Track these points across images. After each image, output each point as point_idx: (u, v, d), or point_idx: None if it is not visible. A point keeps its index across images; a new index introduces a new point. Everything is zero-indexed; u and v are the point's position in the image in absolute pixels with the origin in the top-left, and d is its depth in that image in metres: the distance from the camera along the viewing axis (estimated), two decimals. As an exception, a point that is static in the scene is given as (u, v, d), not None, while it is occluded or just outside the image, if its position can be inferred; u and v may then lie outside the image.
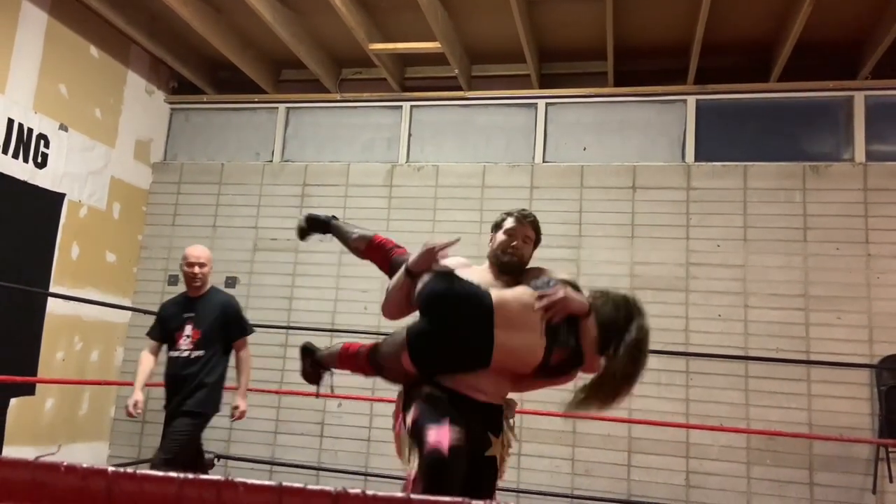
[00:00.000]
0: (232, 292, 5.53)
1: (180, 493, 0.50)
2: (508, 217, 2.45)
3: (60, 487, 0.50)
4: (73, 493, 0.50)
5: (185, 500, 0.50)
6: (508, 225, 2.42)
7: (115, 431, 5.41)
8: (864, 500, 4.31)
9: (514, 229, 2.40)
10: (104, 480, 0.51)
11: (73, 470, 0.51)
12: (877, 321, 4.51)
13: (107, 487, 0.50)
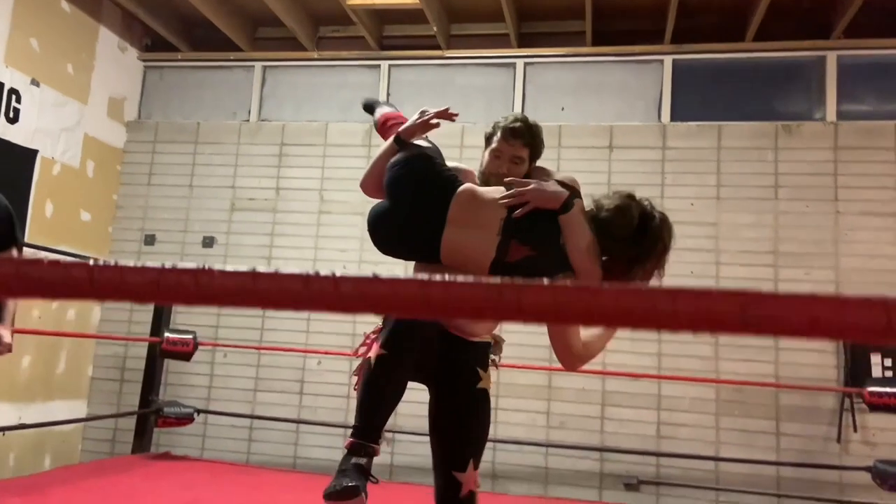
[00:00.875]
0: (210, 252, 5.55)
1: (159, 279, 0.54)
2: (498, 127, 2.13)
3: (45, 279, 0.54)
4: (57, 284, 0.54)
5: (164, 286, 0.54)
6: (495, 143, 2.12)
7: (94, 390, 5.41)
8: (828, 449, 4.47)
9: (500, 149, 2.11)
10: (86, 271, 0.55)
11: (55, 263, 0.55)
12: (843, 277, 4.64)
13: (89, 277, 0.54)
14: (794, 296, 0.54)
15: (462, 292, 0.54)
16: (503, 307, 0.54)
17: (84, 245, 5.21)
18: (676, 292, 0.55)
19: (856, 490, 4.38)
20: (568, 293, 0.56)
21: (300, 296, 0.55)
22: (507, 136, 2.11)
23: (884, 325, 0.52)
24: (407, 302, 0.54)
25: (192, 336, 4.75)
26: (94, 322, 5.43)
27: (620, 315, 0.56)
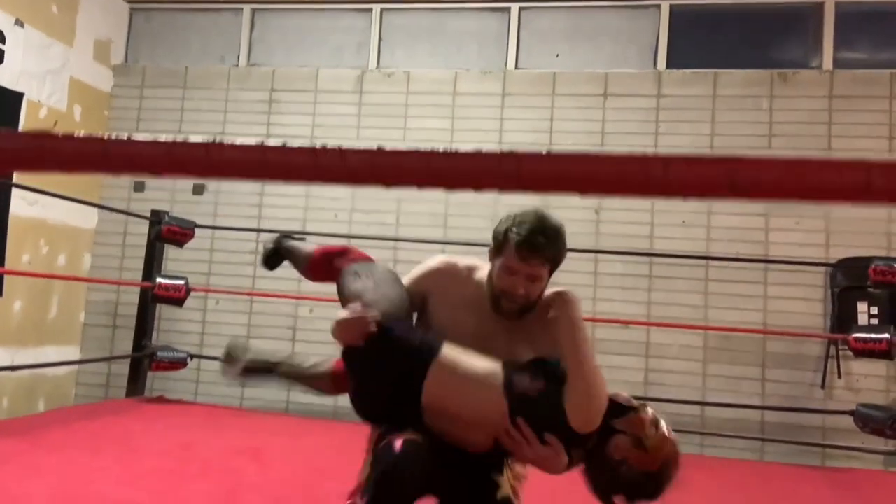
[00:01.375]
0: (200, 199, 5.52)
1: (171, 151, 0.54)
2: (512, 239, 1.75)
3: (60, 151, 0.54)
4: (71, 156, 0.54)
5: (176, 157, 0.54)
6: (510, 259, 1.75)
7: (86, 336, 5.43)
8: (812, 395, 4.56)
9: (514, 268, 1.75)
10: (100, 144, 0.54)
11: (70, 136, 0.54)
12: (834, 226, 4.66)
13: (103, 149, 0.54)
14: (780, 160, 0.54)
15: (464, 162, 0.54)
16: (503, 176, 0.54)
17: (73, 191, 5.16)
18: (668, 159, 0.55)
19: (838, 434, 4.48)
20: (567, 161, 0.56)
21: (308, 168, 0.55)
22: (524, 255, 1.75)
23: (863, 185, 0.53)
24: (412, 173, 0.54)
25: (183, 282, 4.75)
26: (86, 268, 5.42)
27: (616, 182, 0.56)
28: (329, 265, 2.08)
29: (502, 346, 1.79)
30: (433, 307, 1.88)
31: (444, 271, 1.91)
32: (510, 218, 1.82)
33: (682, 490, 1.63)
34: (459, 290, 1.86)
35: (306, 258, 2.22)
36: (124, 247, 5.50)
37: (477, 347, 1.78)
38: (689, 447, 4.63)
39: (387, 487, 1.56)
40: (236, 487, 2.79)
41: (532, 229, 1.75)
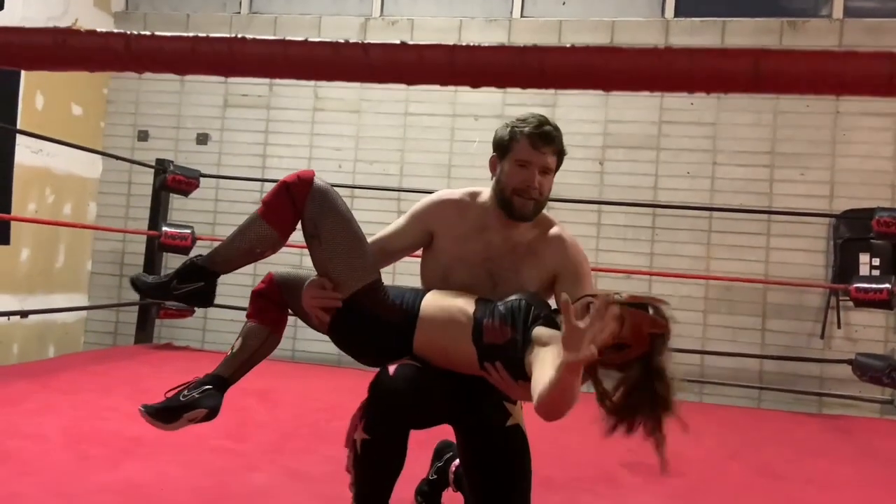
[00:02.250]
0: (203, 149, 5.51)
1: (194, 47, 0.55)
2: (520, 134, 1.76)
3: (84, 49, 0.55)
4: (96, 53, 0.55)
5: (200, 54, 0.55)
6: (522, 151, 1.76)
7: (94, 284, 5.48)
8: (811, 345, 4.61)
9: (529, 159, 1.75)
10: (123, 40, 0.55)
11: (93, 33, 0.55)
12: (838, 177, 4.65)
13: (126, 45, 0.55)
14: (803, 51, 0.55)
15: (487, 56, 0.55)
16: (526, 70, 0.55)
17: (77, 140, 5.15)
18: (693, 51, 0.56)
19: (836, 384, 4.55)
20: (591, 54, 0.57)
21: (330, 63, 0.56)
22: (536, 144, 1.75)
23: (886, 78, 0.54)
24: (434, 69, 0.55)
25: (190, 231, 4.77)
26: (91, 217, 5.45)
27: (640, 75, 0.57)
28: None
29: (508, 266, 1.82)
30: (439, 243, 1.87)
31: (444, 205, 1.88)
32: (510, 122, 1.83)
33: (680, 431, 1.60)
34: (462, 219, 1.85)
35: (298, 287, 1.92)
36: (129, 196, 5.51)
37: (485, 271, 1.82)
38: (688, 395, 4.71)
39: (383, 406, 1.57)
40: (245, 424, 2.86)
41: (539, 123, 1.79)
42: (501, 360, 1.61)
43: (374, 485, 1.60)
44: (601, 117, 5.01)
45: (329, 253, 1.72)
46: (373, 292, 1.73)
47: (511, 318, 1.64)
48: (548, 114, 5.43)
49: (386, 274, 1.87)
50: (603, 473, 2.63)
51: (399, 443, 1.59)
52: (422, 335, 1.68)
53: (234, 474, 1.77)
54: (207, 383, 1.76)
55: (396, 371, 1.60)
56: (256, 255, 1.81)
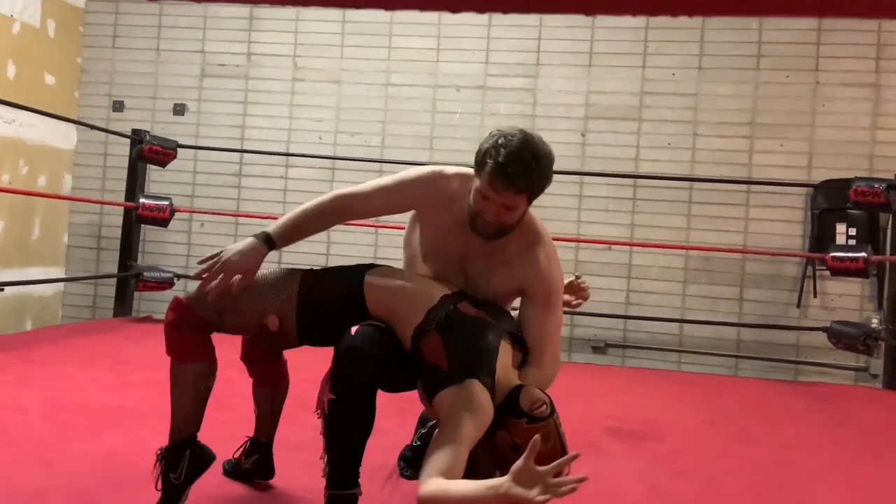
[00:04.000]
0: (181, 120, 5.42)
1: None
2: (488, 166, 1.64)
3: None
4: None
5: None
6: (483, 185, 1.66)
7: (71, 257, 5.41)
8: (788, 314, 4.68)
9: (490, 197, 1.66)
10: None
11: None
12: (817, 148, 4.69)
13: None
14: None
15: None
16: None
17: (51, 109, 5.05)
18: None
19: (811, 352, 4.63)
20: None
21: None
22: (495, 185, 1.64)
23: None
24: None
25: (168, 202, 4.72)
26: (67, 189, 5.36)
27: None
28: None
29: (481, 270, 1.79)
30: (421, 226, 1.85)
31: (436, 190, 1.79)
32: (495, 137, 1.68)
33: (660, 397, 1.63)
34: (447, 210, 1.78)
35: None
36: (105, 168, 5.42)
37: (459, 268, 1.80)
38: (667, 364, 4.78)
39: (345, 363, 1.57)
40: (226, 395, 2.84)
41: (510, 157, 1.62)
42: (424, 376, 1.62)
43: (345, 445, 1.59)
44: (583, 88, 5.00)
45: (251, 305, 1.73)
46: (310, 288, 1.73)
47: (459, 350, 1.59)
48: (529, 84, 5.39)
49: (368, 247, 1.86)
50: (586, 441, 2.66)
51: (365, 401, 1.58)
52: (372, 296, 1.69)
53: (215, 442, 1.77)
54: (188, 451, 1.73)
55: (357, 330, 1.60)
56: (207, 391, 1.76)
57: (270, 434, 2.00)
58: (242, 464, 2.00)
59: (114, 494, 1.83)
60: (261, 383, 1.98)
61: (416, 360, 1.63)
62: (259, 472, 1.98)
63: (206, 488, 1.77)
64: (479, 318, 1.65)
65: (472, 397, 1.52)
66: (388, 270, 1.78)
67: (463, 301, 1.68)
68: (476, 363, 1.58)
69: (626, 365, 4.81)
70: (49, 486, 1.85)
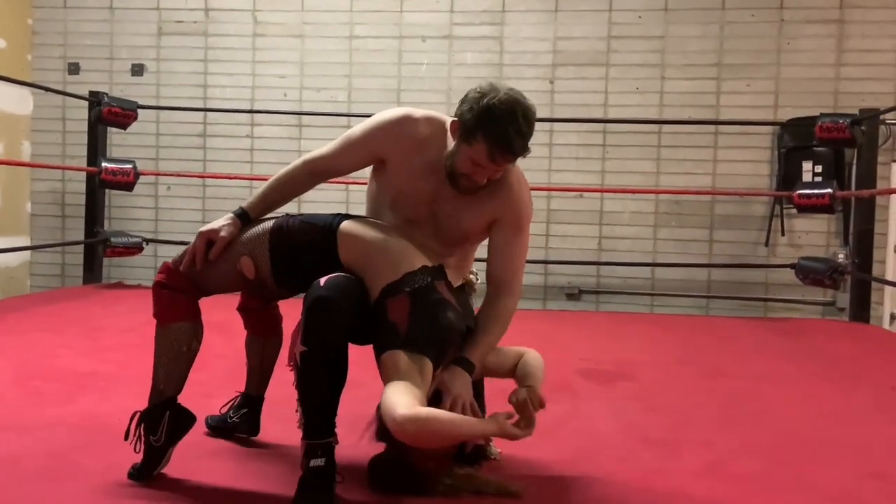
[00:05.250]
0: (140, 80, 5.27)
1: None
2: (484, 137, 1.62)
3: None
4: None
5: None
6: (479, 155, 1.64)
7: (35, 226, 5.30)
8: (757, 253, 4.75)
9: (484, 166, 1.66)
10: None
11: None
12: (783, 87, 4.71)
13: None
14: None
15: None
16: None
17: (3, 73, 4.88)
18: None
19: (780, 289, 4.72)
20: None
21: None
22: (495, 157, 1.64)
23: None
24: None
25: (131, 165, 4.62)
26: (26, 156, 5.22)
27: None
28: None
29: (451, 212, 1.78)
30: (390, 172, 1.81)
31: (403, 131, 1.75)
32: (482, 106, 1.62)
33: (633, 339, 1.67)
34: (419, 154, 1.74)
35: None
36: (65, 133, 5.28)
37: (429, 211, 1.79)
38: (640, 307, 4.85)
39: (314, 314, 1.56)
40: (203, 356, 2.82)
41: (509, 127, 1.61)
42: (378, 330, 1.62)
43: (319, 396, 1.59)
44: (550, 34, 4.94)
45: (226, 253, 1.74)
46: (280, 229, 1.73)
47: (423, 322, 1.59)
48: (496, 32, 5.33)
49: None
50: (561, 382, 2.70)
51: (336, 351, 1.58)
52: (346, 245, 1.69)
53: (191, 400, 1.76)
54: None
55: (327, 281, 1.60)
56: (190, 354, 1.76)
57: (261, 388, 2.00)
58: (230, 418, 1.99)
59: (90, 456, 1.83)
60: (253, 332, 1.99)
61: (376, 312, 1.62)
62: (245, 427, 1.98)
63: (184, 447, 1.76)
64: (450, 303, 1.66)
65: (423, 373, 1.56)
66: (366, 221, 1.76)
67: (440, 281, 1.68)
68: (433, 343, 1.60)
69: (601, 310, 4.87)
70: (23, 451, 1.83)
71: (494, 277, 1.82)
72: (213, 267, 1.74)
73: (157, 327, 1.74)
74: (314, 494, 1.56)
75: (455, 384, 1.64)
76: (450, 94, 4.92)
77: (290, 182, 1.84)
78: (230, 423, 1.99)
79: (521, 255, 1.84)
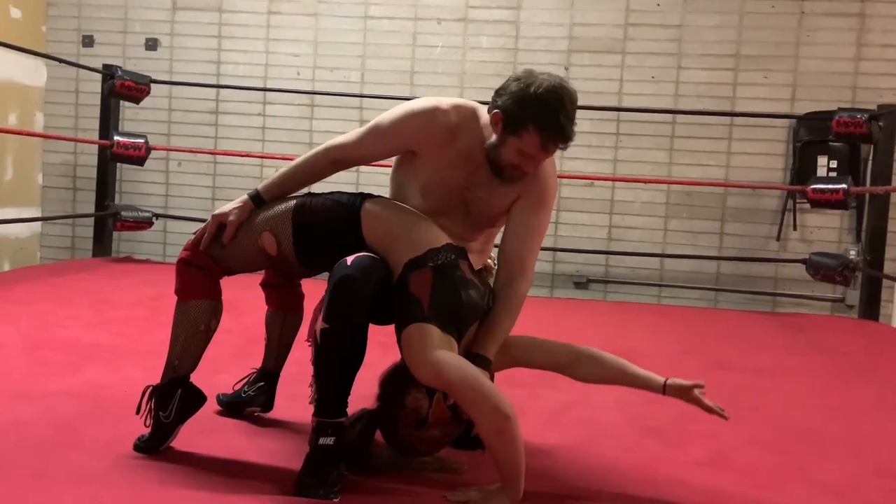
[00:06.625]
0: (153, 55, 5.27)
1: None
2: (535, 129, 1.62)
3: None
4: None
5: None
6: (530, 146, 1.64)
7: (46, 198, 5.32)
8: (768, 247, 4.72)
9: (536, 157, 1.66)
10: None
11: None
12: (801, 80, 4.66)
13: None
14: None
15: None
16: None
17: (17, 44, 4.88)
18: None
19: (789, 284, 4.69)
20: None
21: None
22: (548, 147, 1.65)
23: None
24: None
25: (143, 140, 4.62)
26: (39, 127, 5.23)
27: None
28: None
29: (484, 196, 1.77)
30: (420, 163, 1.78)
31: (434, 123, 1.73)
32: (529, 96, 1.62)
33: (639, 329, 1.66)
34: (451, 145, 1.73)
35: None
36: (77, 105, 5.28)
37: (461, 198, 1.78)
38: (647, 298, 4.83)
39: (339, 293, 1.55)
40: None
41: (561, 119, 1.61)
42: (400, 304, 1.61)
43: (335, 375, 1.59)
44: (566, 20, 4.89)
45: (247, 228, 1.75)
46: (303, 207, 1.72)
47: (445, 299, 1.59)
48: (512, 16, 5.29)
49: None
50: (564, 369, 2.70)
51: (357, 332, 1.58)
52: (370, 223, 1.68)
53: (198, 376, 1.77)
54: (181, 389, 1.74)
55: (353, 260, 1.59)
56: (208, 333, 1.76)
57: (279, 364, 2.00)
58: (244, 392, 1.99)
59: (94, 426, 1.84)
60: (274, 308, 1.99)
61: (398, 287, 1.62)
62: (259, 400, 1.97)
63: (192, 421, 1.76)
64: (472, 281, 1.66)
65: (449, 351, 1.55)
66: (389, 202, 1.76)
67: (464, 260, 1.68)
68: (454, 319, 1.59)
69: (608, 300, 4.86)
70: (28, 419, 1.85)
71: (507, 257, 1.76)
72: (235, 245, 1.74)
73: (178, 304, 1.74)
74: (320, 472, 1.55)
75: None
76: (463, 78, 4.89)
77: (311, 169, 1.82)
78: (244, 398, 1.99)
79: (538, 236, 1.79)
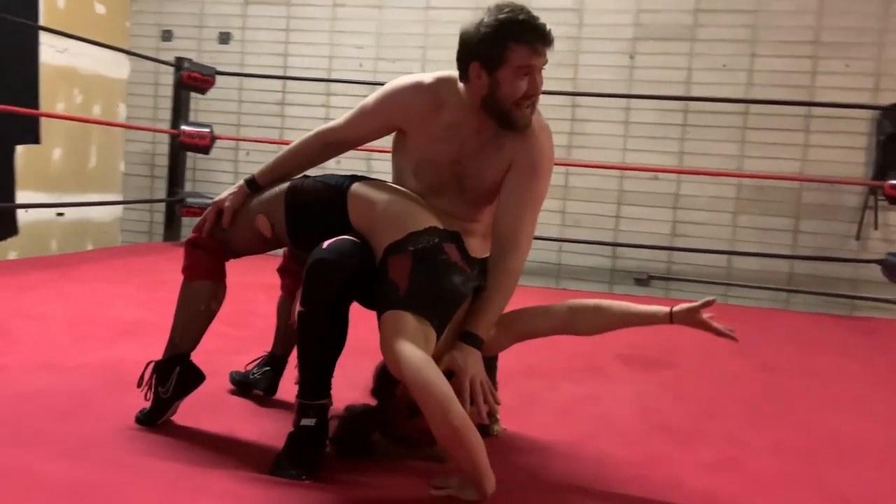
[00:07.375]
0: (226, 48, 5.46)
1: None
2: (515, 41, 1.59)
3: None
4: None
5: None
6: (523, 58, 1.60)
7: (127, 185, 5.62)
8: (846, 246, 4.41)
9: (533, 64, 1.61)
10: None
11: None
12: (886, 69, 4.32)
13: None
14: None
15: None
16: None
17: (101, 39, 5.17)
18: None
19: (869, 286, 4.36)
20: None
21: None
22: (538, 49, 1.60)
23: None
24: None
25: (208, 129, 4.80)
26: (122, 117, 5.52)
27: None
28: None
29: (475, 168, 1.73)
30: (409, 140, 1.77)
31: (420, 96, 1.73)
32: (490, 24, 1.61)
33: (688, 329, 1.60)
34: (437, 117, 1.71)
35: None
36: (156, 97, 5.55)
37: (452, 173, 1.74)
38: (713, 296, 4.59)
39: (313, 275, 1.55)
40: (245, 313, 2.93)
41: (531, 21, 1.61)
42: (380, 296, 1.57)
43: (314, 357, 1.59)
44: (632, 6, 4.73)
45: (244, 211, 1.79)
46: (296, 189, 1.74)
47: (423, 285, 1.54)
48: (575, 3, 5.15)
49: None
50: (592, 365, 2.62)
51: (333, 313, 1.58)
52: (355, 205, 1.67)
53: (222, 354, 1.82)
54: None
55: (330, 244, 1.59)
56: (209, 313, 1.80)
57: (286, 349, 2.03)
58: (252, 374, 2.05)
59: (108, 397, 1.92)
60: (286, 294, 2.04)
61: (378, 272, 1.60)
62: (263, 384, 2.03)
63: (197, 397, 1.81)
64: (457, 265, 1.60)
65: (428, 341, 1.51)
66: (378, 183, 1.74)
67: (451, 244, 1.63)
68: (433, 306, 1.54)
69: (670, 297, 4.67)
70: (49, 388, 1.95)
71: (499, 230, 1.70)
72: (234, 229, 1.78)
73: (183, 283, 1.80)
74: (299, 453, 1.56)
75: (468, 364, 1.58)
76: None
77: (303, 152, 1.83)
78: (251, 379, 2.05)
79: (532, 207, 1.70)
